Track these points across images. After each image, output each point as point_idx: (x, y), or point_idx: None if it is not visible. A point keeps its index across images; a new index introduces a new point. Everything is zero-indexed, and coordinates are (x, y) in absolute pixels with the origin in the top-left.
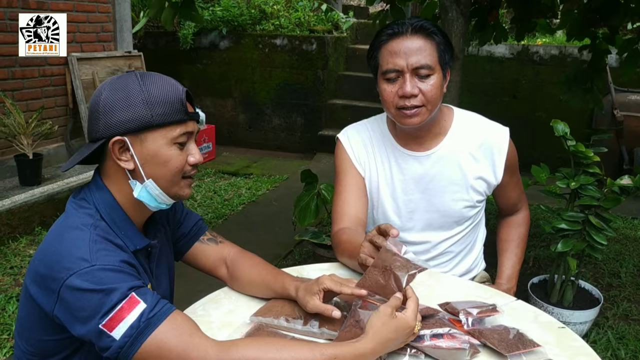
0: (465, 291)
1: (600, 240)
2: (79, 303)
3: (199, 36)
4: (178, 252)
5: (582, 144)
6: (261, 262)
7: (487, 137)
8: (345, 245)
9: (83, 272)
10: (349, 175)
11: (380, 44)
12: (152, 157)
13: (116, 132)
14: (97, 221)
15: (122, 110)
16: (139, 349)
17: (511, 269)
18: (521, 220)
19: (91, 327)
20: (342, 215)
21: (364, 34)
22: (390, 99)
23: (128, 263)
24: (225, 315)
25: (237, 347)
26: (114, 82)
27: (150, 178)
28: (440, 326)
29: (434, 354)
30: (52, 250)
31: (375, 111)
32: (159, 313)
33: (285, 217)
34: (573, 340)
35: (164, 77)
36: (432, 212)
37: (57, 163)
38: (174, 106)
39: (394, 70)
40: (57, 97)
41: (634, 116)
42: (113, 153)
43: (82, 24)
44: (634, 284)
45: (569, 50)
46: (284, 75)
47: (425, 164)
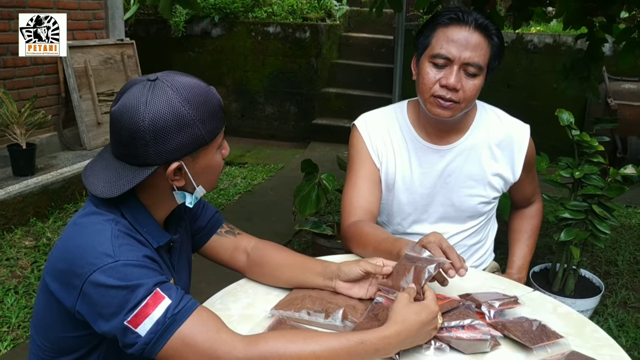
0: (481, 282)
1: (603, 229)
2: (103, 299)
3: (191, 24)
4: (195, 245)
5: (586, 134)
6: (286, 248)
7: (507, 134)
8: (368, 238)
9: (107, 268)
10: (364, 165)
11: (438, 25)
12: (204, 169)
13: (171, 158)
14: (117, 217)
15: (175, 135)
16: (164, 345)
17: (522, 260)
18: (534, 212)
19: (116, 324)
20: (355, 207)
21: (357, 22)
22: (429, 84)
23: (151, 258)
24: (244, 309)
25: (265, 341)
26: (152, 101)
27: (200, 185)
28: (463, 317)
29: (457, 345)
30: (72, 245)
31: (369, 100)
32: (184, 308)
33: (282, 206)
34: (594, 332)
35: (194, 81)
36: (447, 206)
37: (50, 153)
38: (218, 115)
39: (445, 57)
40: (48, 86)
41: (628, 105)
42: (169, 178)
43: (74, 12)
44: (631, 272)
45: (563, 39)
46: (277, 64)
47: (446, 158)
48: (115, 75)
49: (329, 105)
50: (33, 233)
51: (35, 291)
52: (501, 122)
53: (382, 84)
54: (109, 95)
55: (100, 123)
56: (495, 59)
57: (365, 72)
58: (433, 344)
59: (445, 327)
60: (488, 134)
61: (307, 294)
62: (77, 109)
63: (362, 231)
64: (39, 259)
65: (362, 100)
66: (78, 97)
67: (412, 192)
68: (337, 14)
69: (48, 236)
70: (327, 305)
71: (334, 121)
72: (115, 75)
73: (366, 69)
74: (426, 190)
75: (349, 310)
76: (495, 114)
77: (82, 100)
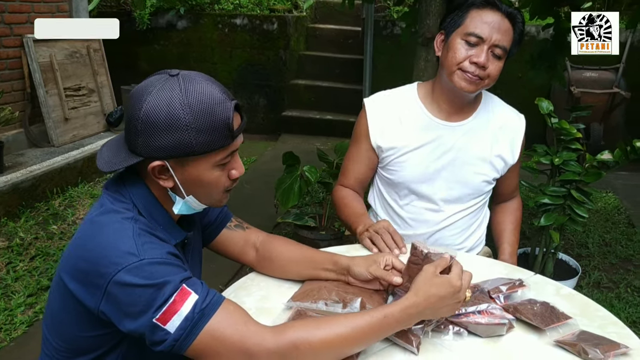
0: (486, 268)
1: (581, 213)
2: (129, 298)
3: (156, 16)
4: (205, 240)
5: (565, 121)
6: (295, 242)
7: (509, 120)
8: (345, 210)
9: (132, 267)
10: (362, 143)
11: (473, 6)
12: (194, 180)
13: (156, 156)
14: (136, 215)
15: (163, 134)
16: (194, 340)
17: (511, 247)
18: (516, 206)
19: (144, 322)
20: (349, 172)
21: (323, 14)
22: (459, 58)
23: (174, 255)
24: (260, 302)
25: (293, 329)
26: (156, 93)
27: (191, 195)
28: (479, 302)
29: (475, 330)
30: (93, 244)
31: (339, 91)
32: (211, 303)
33: (259, 200)
34: (597, 311)
35: (210, 89)
36: (453, 182)
37: (17, 150)
38: (220, 132)
39: (478, 37)
40: (13, 82)
41: (590, 92)
42: (152, 174)
43: (37, 4)
44: (601, 254)
45: (527, 29)
46: (245, 56)
47: (456, 134)
48: (81, 69)
49: (298, 97)
50: (5, 233)
51: (13, 293)
52: (503, 108)
53: (350, 75)
54: (75, 90)
55: (68, 119)
56: (515, 46)
57: (333, 63)
58: (452, 329)
59: (463, 312)
60: (493, 117)
61: (322, 284)
62: (44, 105)
63: (342, 201)
64: (13, 259)
65: (331, 92)
66: (44, 93)
67: (421, 165)
68: (304, 5)
69: (21, 236)
70: (343, 296)
71: (304, 113)
72: (82, 70)
73: (334, 60)
74: (434, 165)
75: (366, 299)
76: (497, 100)
77: (49, 96)
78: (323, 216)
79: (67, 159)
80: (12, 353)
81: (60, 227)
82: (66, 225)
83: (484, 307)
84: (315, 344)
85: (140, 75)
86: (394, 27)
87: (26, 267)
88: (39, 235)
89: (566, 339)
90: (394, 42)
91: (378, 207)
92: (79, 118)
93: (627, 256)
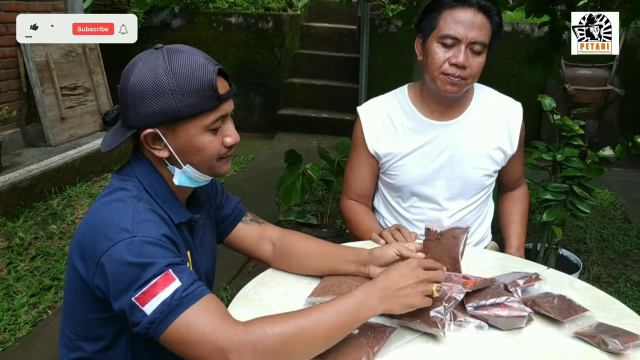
0: (498, 262)
1: (584, 209)
2: (116, 275)
3: (150, 15)
4: (220, 235)
5: (567, 118)
6: (312, 237)
7: (504, 110)
8: (360, 227)
9: (124, 243)
10: (361, 152)
11: (444, 7)
12: (186, 146)
13: (146, 123)
14: (140, 192)
15: (150, 101)
16: (168, 326)
17: (519, 239)
18: (522, 194)
19: (125, 300)
20: (351, 185)
21: (317, 12)
22: (439, 63)
23: (168, 238)
24: (280, 297)
25: (264, 319)
26: (141, 64)
27: (188, 164)
28: (497, 296)
29: (495, 323)
30: (95, 222)
31: (334, 89)
32: (192, 293)
33: (258, 198)
34: (612, 303)
35: (192, 55)
36: (453, 179)
37: (14, 150)
38: (204, 94)
39: (454, 38)
40: (9, 81)
41: (584, 89)
42: (146, 144)
43: (33, 3)
44: (599, 249)
45: (521, 27)
46: (240, 54)
47: (451, 132)
48: (77, 68)
49: (293, 95)
50: (4, 233)
51: (15, 293)
52: (497, 99)
53: (345, 73)
54: (72, 89)
55: (65, 118)
56: (495, 38)
57: (329, 62)
58: (473, 322)
59: (482, 305)
60: (487, 110)
61: (342, 280)
62: (40, 104)
63: (351, 216)
64: (14, 259)
65: (327, 90)
66: (40, 92)
67: (419, 167)
68: (299, 4)
69: (21, 236)
70: None
71: (300, 111)
72: (78, 69)
73: (329, 58)
74: (432, 165)
75: None
76: (492, 92)
77: (45, 95)
78: (324, 214)
79: (65, 158)
80: (17, 353)
81: (60, 227)
82: (65, 225)
83: (503, 300)
84: (287, 333)
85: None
86: (389, 25)
87: (27, 267)
88: (38, 235)
89: (585, 331)
90: (389, 41)
91: (383, 210)
92: (76, 117)
93: (624, 251)
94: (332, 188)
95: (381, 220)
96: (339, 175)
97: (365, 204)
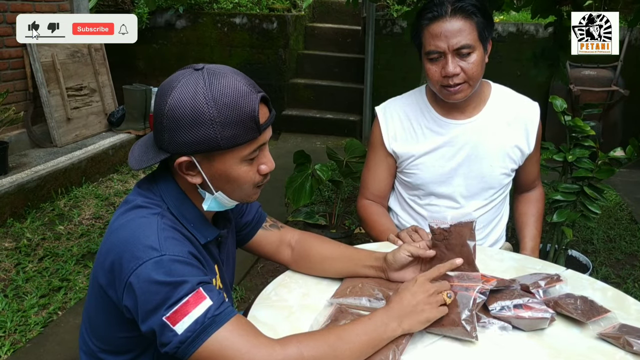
0: (517, 263)
1: (594, 210)
2: (146, 294)
3: (154, 15)
4: (242, 240)
5: (579, 119)
6: (330, 239)
7: (521, 109)
8: (376, 227)
9: (153, 262)
10: (378, 152)
11: (422, 26)
12: (221, 175)
13: (182, 151)
14: (163, 211)
15: (187, 129)
16: (200, 346)
17: (533, 241)
18: (539, 195)
19: (155, 320)
20: (368, 185)
21: (321, 12)
22: (434, 78)
23: (194, 256)
24: (302, 299)
25: (297, 339)
26: (180, 87)
27: (220, 191)
28: (518, 297)
29: (518, 324)
30: (119, 239)
31: (338, 90)
32: (224, 312)
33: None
34: (634, 304)
35: (235, 82)
36: (470, 178)
37: (20, 151)
38: (245, 125)
39: (436, 52)
40: (15, 82)
41: (588, 90)
42: (179, 170)
43: (39, 3)
44: (606, 250)
45: (526, 28)
46: (244, 55)
47: (467, 131)
48: (83, 69)
49: (298, 95)
50: (12, 234)
51: (25, 294)
52: (515, 98)
53: (349, 74)
54: (77, 90)
55: (70, 119)
56: (484, 31)
57: (332, 62)
58: (497, 324)
59: (505, 306)
60: (504, 109)
61: (363, 281)
62: (46, 105)
63: (369, 218)
64: (22, 260)
65: (331, 91)
66: (46, 93)
67: (437, 166)
68: (303, 4)
69: (28, 237)
70: (386, 292)
71: (304, 112)
72: (84, 69)
73: (333, 59)
74: (449, 164)
75: None
76: (509, 91)
77: (51, 96)
78: (333, 214)
79: (72, 159)
80: (28, 354)
81: (67, 228)
82: (72, 226)
83: (525, 301)
84: (321, 354)
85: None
86: (393, 25)
87: (36, 267)
88: (46, 235)
89: (609, 332)
90: (394, 41)
91: (398, 209)
92: (81, 118)
93: (632, 252)
94: (340, 188)
95: (396, 219)
96: (348, 176)
97: (381, 204)
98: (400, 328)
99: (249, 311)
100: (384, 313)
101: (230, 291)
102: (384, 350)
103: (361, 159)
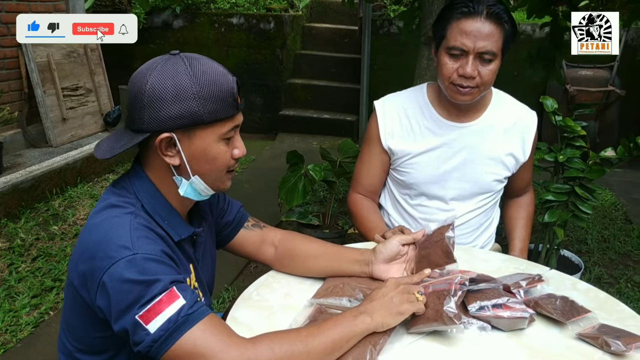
0: (503, 264)
1: (585, 210)
2: (118, 294)
3: (151, 15)
4: (222, 241)
5: (569, 119)
6: (314, 238)
7: (519, 117)
8: (363, 222)
9: (125, 261)
10: (374, 147)
11: (452, 18)
12: (200, 154)
13: (164, 127)
14: (137, 210)
15: (171, 104)
16: (173, 345)
17: (522, 243)
18: (529, 200)
19: (128, 319)
20: (360, 179)
21: (318, 12)
22: (448, 74)
23: (167, 255)
24: (284, 299)
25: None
26: (161, 68)
27: (197, 174)
28: (498, 297)
29: (497, 324)
30: (92, 240)
31: (335, 90)
32: (197, 311)
33: (259, 198)
34: (616, 305)
35: (212, 64)
36: (464, 182)
37: (15, 151)
38: (226, 101)
39: (460, 49)
40: (10, 81)
41: (585, 90)
42: (159, 149)
43: (34, 4)
44: (600, 250)
45: (522, 28)
46: (241, 55)
47: (465, 135)
48: (79, 69)
49: (295, 96)
50: (5, 234)
51: (17, 294)
52: (514, 106)
53: (346, 74)
54: (73, 90)
55: (66, 119)
56: (508, 42)
57: (330, 62)
58: (475, 324)
59: (484, 306)
60: (503, 116)
61: (344, 281)
62: (41, 105)
63: (358, 212)
64: (15, 260)
65: (328, 91)
66: (42, 93)
67: (432, 167)
68: (301, 4)
69: (22, 237)
70: (366, 292)
71: (301, 112)
72: (79, 69)
73: (330, 59)
74: (445, 166)
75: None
76: (508, 98)
77: (46, 96)
78: (326, 215)
79: (66, 159)
80: (18, 354)
81: (61, 228)
82: (67, 226)
83: (504, 301)
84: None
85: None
86: (390, 25)
87: (28, 268)
88: (39, 236)
89: (588, 332)
90: (390, 41)
91: (389, 207)
92: (77, 118)
93: (626, 252)
94: (334, 189)
95: (387, 218)
96: (341, 176)
97: (372, 199)
98: (373, 322)
99: (229, 312)
100: (356, 308)
101: (207, 290)
102: (361, 349)
103: (354, 159)
